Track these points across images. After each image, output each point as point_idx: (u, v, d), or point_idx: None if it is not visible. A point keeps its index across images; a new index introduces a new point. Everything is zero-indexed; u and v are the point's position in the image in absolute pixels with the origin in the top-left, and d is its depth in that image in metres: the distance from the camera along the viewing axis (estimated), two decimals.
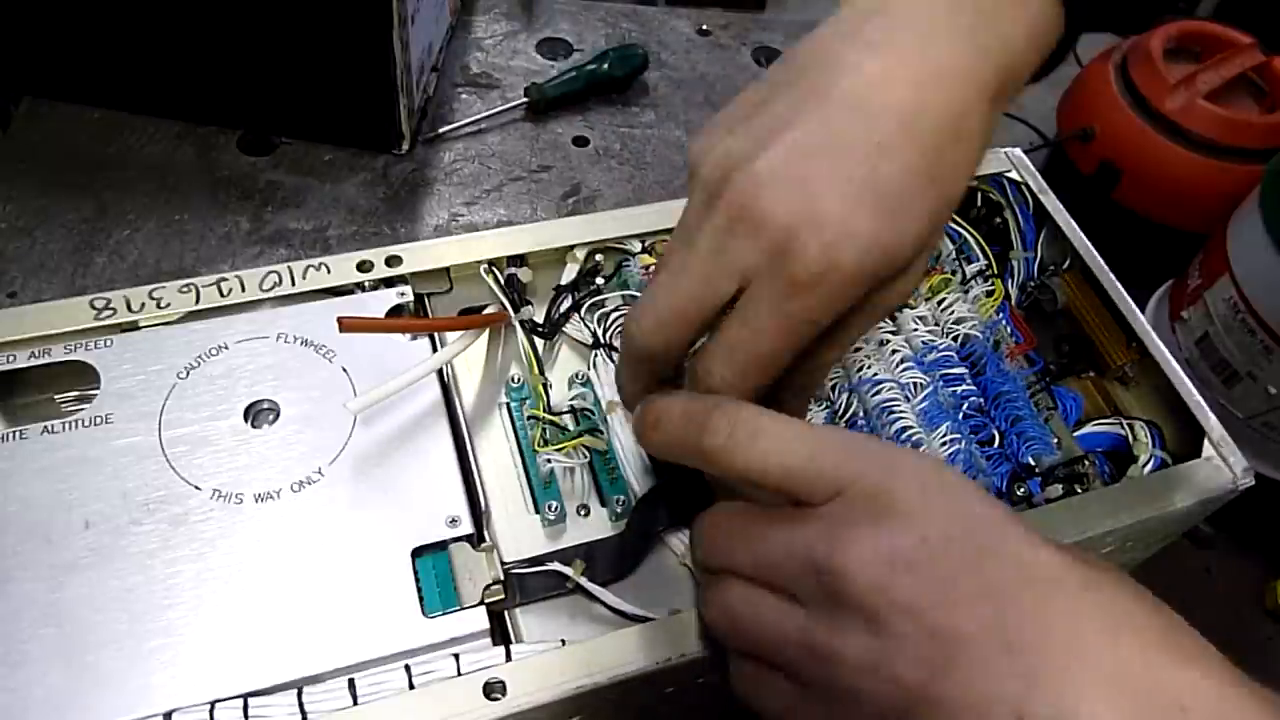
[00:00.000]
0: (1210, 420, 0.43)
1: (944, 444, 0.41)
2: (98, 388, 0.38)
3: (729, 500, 0.32)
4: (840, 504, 0.28)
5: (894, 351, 0.44)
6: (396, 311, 0.42)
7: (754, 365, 0.30)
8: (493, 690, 0.32)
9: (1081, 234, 0.50)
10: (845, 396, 0.42)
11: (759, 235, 0.29)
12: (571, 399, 0.42)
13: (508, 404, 0.42)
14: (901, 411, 0.41)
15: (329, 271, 0.42)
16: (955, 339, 0.45)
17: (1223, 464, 0.42)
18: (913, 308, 0.46)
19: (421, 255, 0.43)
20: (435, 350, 0.41)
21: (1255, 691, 0.24)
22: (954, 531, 0.27)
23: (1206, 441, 0.43)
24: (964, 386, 0.44)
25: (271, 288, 0.42)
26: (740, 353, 0.30)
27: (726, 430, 0.30)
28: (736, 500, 0.32)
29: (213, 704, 0.31)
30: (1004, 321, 0.47)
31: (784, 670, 0.29)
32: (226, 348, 0.40)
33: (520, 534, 0.38)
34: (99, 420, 0.37)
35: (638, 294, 0.44)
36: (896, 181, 0.29)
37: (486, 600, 0.35)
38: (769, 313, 0.29)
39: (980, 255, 0.50)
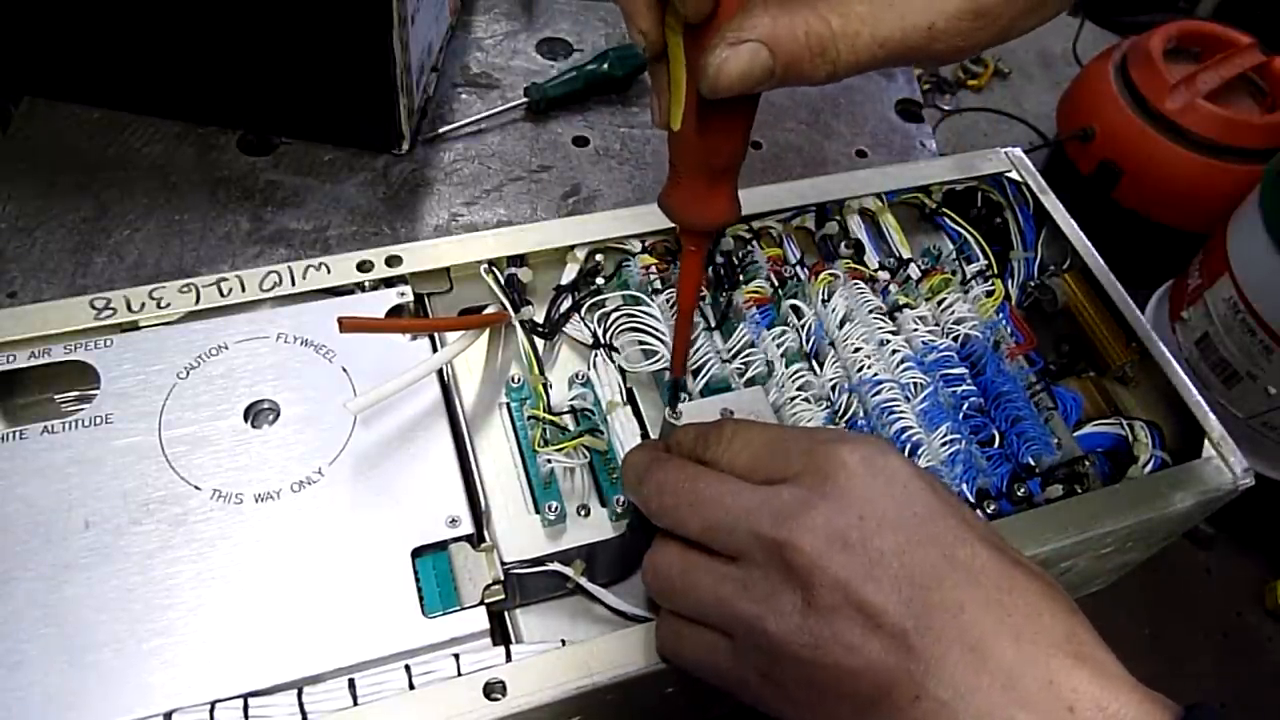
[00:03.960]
0: (1210, 420, 0.43)
1: (944, 444, 0.41)
2: (98, 388, 0.38)
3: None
4: (792, 484, 0.30)
5: (894, 351, 0.44)
6: (396, 311, 0.42)
7: None
8: (493, 690, 0.32)
9: (1081, 234, 0.50)
10: (845, 397, 0.42)
11: None
12: (571, 399, 0.42)
13: (508, 404, 0.42)
14: (902, 411, 0.41)
15: (329, 271, 0.42)
16: (955, 339, 0.45)
17: (1223, 464, 0.42)
18: (913, 307, 0.46)
19: (421, 255, 0.43)
20: (435, 350, 0.41)
21: (1145, 695, 0.26)
22: (889, 514, 0.29)
23: (1206, 441, 0.43)
24: (964, 386, 0.44)
25: (271, 288, 0.42)
26: None
27: (718, 445, 0.33)
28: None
29: (213, 704, 0.31)
30: (1004, 321, 0.47)
31: (715, 628, 0.31)
32: (226, 348, 0.40)
33: (520, 534, 0.38)
34: (99, 420, 0.37)
35: (638, 294, 0.44)
36: None
37: (486, 600, 0.35)
38: None
39: (980, 255, 0.50)
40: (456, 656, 0.33)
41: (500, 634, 0.36)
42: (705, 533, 0.31)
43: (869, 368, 0.43)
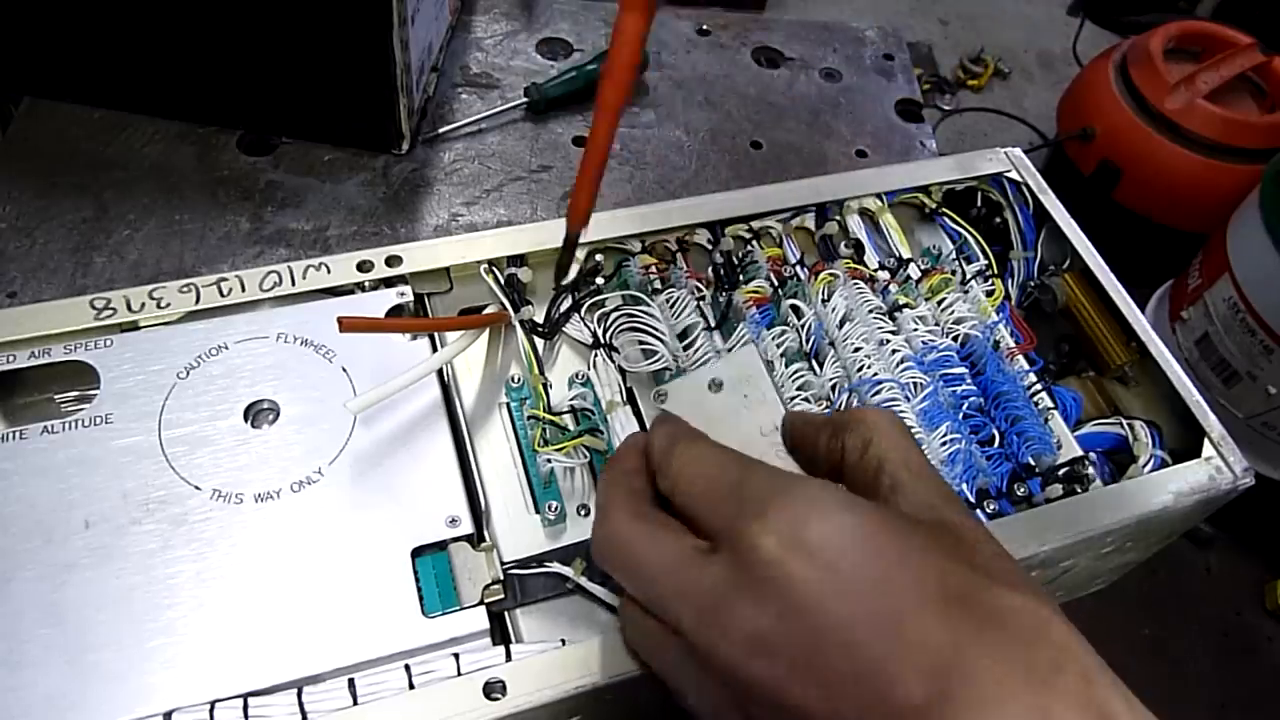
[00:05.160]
0: (1210, 420, 0.43)
1: (944, 444, 0.41)
2: (98, 388, 0.38)
3: None
4: (717, 562, 0.28)
5: (894, 351, 0.44)
6: (396, 311, 0.42)
7: None
8: (493, 690, 0.32)
9: (1081, 234, 0.50)
10: (845, 396, 0.42)
11: None
12: (571, 399, 0.42)
13: (508, 404, 0.42)
14: (902, 411, 0.41)
15: (329, 271, 0.42)
16: (955, 339, 0.45)
17: (1223, 464, 0.42)
18: (913, 307, 0.46)
19: (421, 255, 0.43)
20: (435, 350, 0.41)
21: None
22: (816, 603, 0.25)
23: (1206, 441, 0.43)
24: (964, 386, 0.44)
25: (271, 288, 0.42)
26: None
27: (672, 463, 0.31)
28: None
29: (213, 704, 0.31)
30: (1004, 321, 0.47)
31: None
32: (226, 348, 0.40)
33: (520, 534, 0.38)
34: (99, 420, 0.37)
35: (638, 294, 0.44)
36: None
37: (486, 600, 0.35)
38: None
39: (980, 255, 0.50)
40: (456, 656, 0.33)
41: (500, 634, 0.36)
42: (645, 603, 0.30)
43: (869, 367, 0.43)
